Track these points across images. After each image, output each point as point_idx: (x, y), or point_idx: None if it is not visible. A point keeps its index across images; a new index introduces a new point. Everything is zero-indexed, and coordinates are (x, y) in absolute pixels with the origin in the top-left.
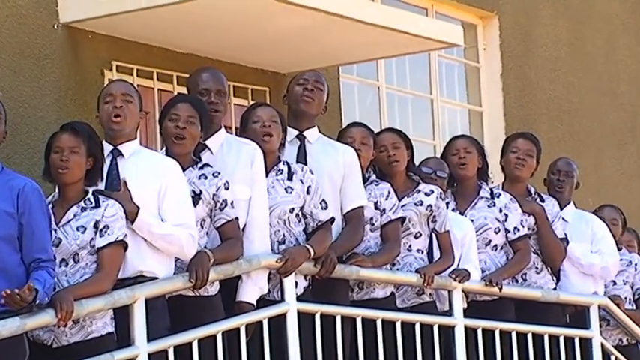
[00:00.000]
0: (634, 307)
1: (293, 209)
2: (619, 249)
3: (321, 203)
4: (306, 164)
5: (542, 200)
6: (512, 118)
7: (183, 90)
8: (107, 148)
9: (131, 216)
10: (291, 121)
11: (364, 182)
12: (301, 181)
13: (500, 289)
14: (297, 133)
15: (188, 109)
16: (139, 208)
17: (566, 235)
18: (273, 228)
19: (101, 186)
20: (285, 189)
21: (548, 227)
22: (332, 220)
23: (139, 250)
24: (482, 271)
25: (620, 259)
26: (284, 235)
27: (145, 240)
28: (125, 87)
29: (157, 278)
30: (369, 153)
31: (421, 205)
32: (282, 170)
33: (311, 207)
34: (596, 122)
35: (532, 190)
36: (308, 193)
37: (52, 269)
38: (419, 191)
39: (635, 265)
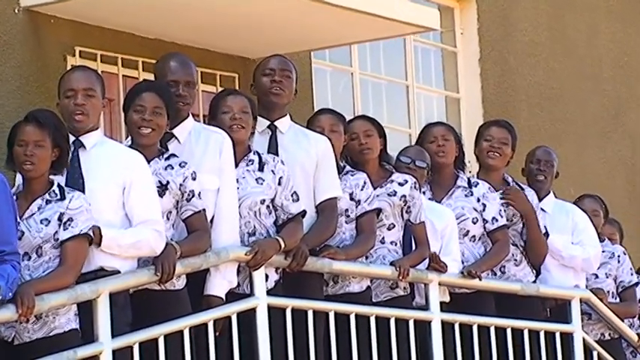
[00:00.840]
0: (617, 300)
1: (264, 200)
2: (601, 240)
3: (292, 195)
4: (277, 154)
5: (521, 189)
6: (491, 105)
7: (150, 76)
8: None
9: (96, 239)
10: (261, 110)
11: (339, 172)
12: (272, 171)
13: (480, 278)
14: (268, 123)
15: (154, 100)
16: (98, 228)
17: (546, 228)
18: (243, 219)
19: (63, 178)
20: (256, 179)
21: (537, 227)
22: (303, 213)
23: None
24: (461, 263)
25: (603, 251)
26: (254, 227)
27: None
28: (87, 80)
29: (118, 272)
30: (339, 140)
31: (394, 195)
32: (253, 160)
33: (282, 199)
34: (577, 109)
35: (509, 180)
36: (279, 184)
37: (17, 263)
38: (392, 181)
39: (618, 257)
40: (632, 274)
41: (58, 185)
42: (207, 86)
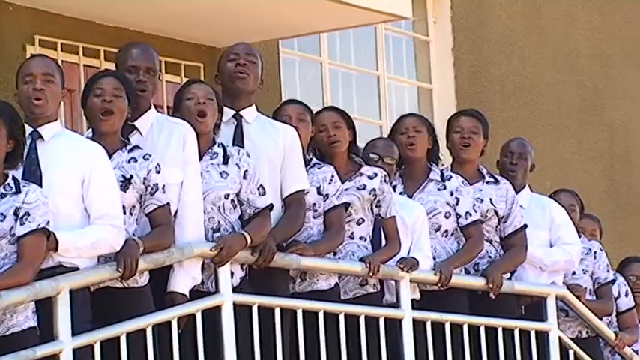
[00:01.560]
0: (594, 297)
1: (228, 195)
2: (578, 236)
3: (258, 189)
4: (243, 146)
5: (497, 182)
6: (464, 96)
7: (111, 66)
8: (26, 129)
9: (52, 245)
10: (226, 100)
11: (305, 165)
12: (237, 165)
13: (448, 281)
14: (233, 112)
15: (113, 82)
16: (53, 233)
17: (526, 224)
18: (207, 215)
19: (20, 171)
20: (220, 173)
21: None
22: (270, 207)
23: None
24: (433, 259)
25: None
26: (219, 223)
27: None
28: (46, 65)
29: (77, 269)
30: (306, 131)
31: (364, 189)
32: (217, 153)
33: (247, 193)
34: (553, 100)
35: (484, 172)
36: (244, 178)
37: None
38: (361, 174)
39: (595, 253)
40: (607, 271)
41: (13, 178)
42: (172, 76)
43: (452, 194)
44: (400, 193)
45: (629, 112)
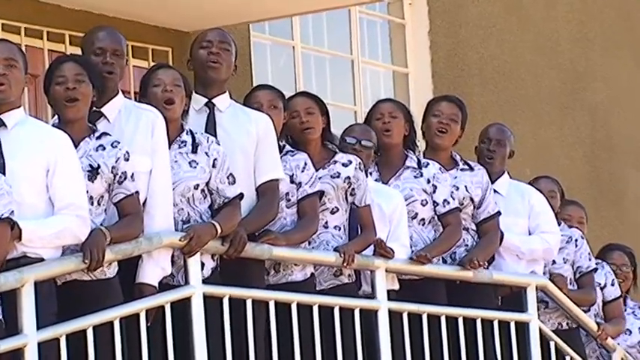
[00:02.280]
0: (575, 287)
1: (198, 185)
2: (558, 223)
3: (228, 178)
4: (215, 134)
5: (472, 169)
6: (441, 81)
7: (77, 51)
8: None
9: (15, 235)
10: (198, 87)
11: (279, 153)
12: (206, 153)
13: (429, 261)
14: (205, 100)
15: (74, 68)
16: (15, 222)
17: (499, 211)
18: (176, 207)
19: None
20: (189, 163)
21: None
22: (240, 196)
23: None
24: (410, 248)
25: (561, 235)
26: (188, 214)
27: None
28: (8, 50)
29: (42, 260)
30: (279, 117)
31: (338, 177)
32: (186, 142)
33: (217, 182)
34: (533, 84)
35: (458, 159)
36: (214, 166)
37: None
38: (335, 162)
39: (576, 241)
40: (590, 259)
41: None
42: (139, 61)
43: (429, 181)
44: (375, 180)
45: (610, 96)
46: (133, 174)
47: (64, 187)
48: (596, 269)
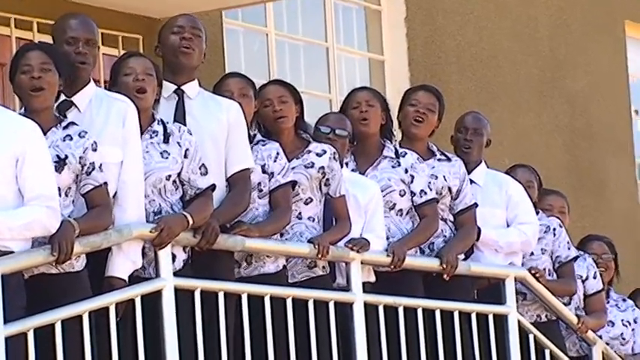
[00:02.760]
0: (554, 277)
1: (170, 176)
2: (536, 213)
3: (200, 168)
4: (185, 122)
5: (449, 160)
6: (418, 68)
7: (46, 38)
8: None
9: None
10: (167, 74)
11: (250, 142)
12: (178, 143)
13: (401, 263)
14: (174, 87)
15: (39, 56)
16: None
17: (476, 203)
18: (147, 198)
19: None
20: (161, 153)
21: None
22: (212, 187)
23: None
24: (387, 239)
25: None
26: (159, 205)
27: None
28: None
29: (11, 252)
30: (250, 106)
31: (312, 167)
32: (158, 132)
33: (189, 173)
34: (512, 72)
35: (434, 149)
36: (186, 157)
37: None
38: (309, 151)
39: (554, 230)
40: (569, 249)
41: None
42: (109, 49)
43: (406, 171)
44: (352, 171)
45: (590, 84)
46: (101, 164)
47: (33, 177)
48: (576, 258)
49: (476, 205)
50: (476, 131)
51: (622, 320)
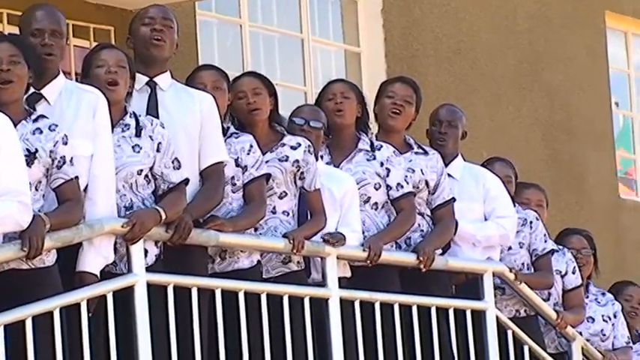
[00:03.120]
0: (532, 271)
1: (141, 170)
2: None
3: (173, 162)
4: (157, 115)
5: (426, 153)
6: (395, 60)
7: (15, 30)
8: None
9: None
10: (138, 66)
11: (223, 135)
12: (150, 137)
13: (378, 258)
14: (146, 79)
15: (8, 49)
16: None
17: (454, 197)
18: (118, 193)
19: None
20: (133, 147)
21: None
22: (185, 182)
23: None
24: (363, 234)
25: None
26: (131, 200)
27: None
28: None
29: None
30: (223, 99)
31: (286, 160)
32: (129, 125)
33: (162, 167)
34: (490, 64)
35: (412, 142)
36: (158, 150)
37: None
38: (284, 144)
39: (531, 223)
40: (545, 241)
41: None
42: (80, 41)
43: (382, 164)
44: (327, 164)
45: (570, 77)
46: (72, 158)
47: (5, 172)
48: (553, 251)
49: (454, 199)
50: (450, 124)
51: (602, 316)
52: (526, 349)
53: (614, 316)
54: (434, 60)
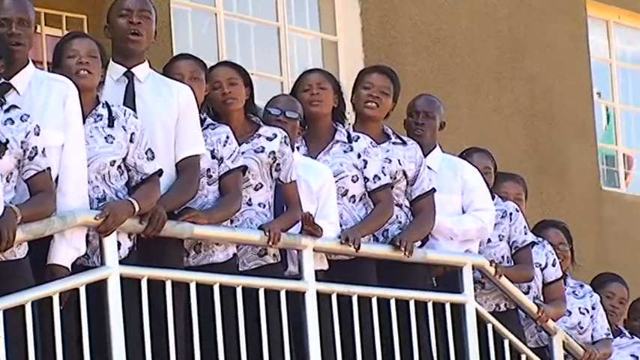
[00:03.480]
0: (512, 264)
1: (114, 161)
2: (492, 198)
3: (146, 153)
4: (134, 105)
5: (405, 144)
6: (373, 49)
7: None
8: None
9: None
10: (116, 56)
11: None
12: (123, 127)
13: (358, 248)
14: (124, 70)
15: None
16: None
17: (434, 188)
18: (91, 184)
19: None
20: (105, 138)
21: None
22: (159, 173)
23: None
24: (340, 226)
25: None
26: (104, 192)
27: None
28: None
29: None
30: (200, 89)
31: (262, 151)
32: (102, 115)
33: (135, 158)
34: (469, 53)
35: (389, 132)
36: (131, 141)
37: None
38: (259, 135)
39: (510, 215)
40: (525, 234)
41: None
42: (53, 30)
43: (359, 156)
44: (304, 155)
45: (551, 65)
46: (44, 149)
47: None
48: (533, 244)
49: (434, 190)
50: (427, 114)
51: (579, 308)
52: (506, 342)
53: (593, 308)
54: (412, 48)
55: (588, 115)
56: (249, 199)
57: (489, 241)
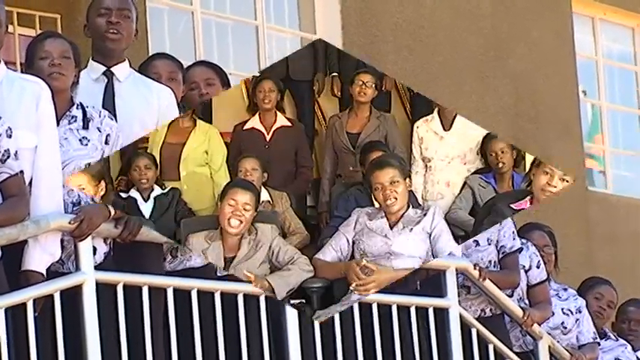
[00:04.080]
0: (498, 269)
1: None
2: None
3: None
4: (114, 105)
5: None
6: (353, 48)
7: None
8: None
9: None
10: (96, 55)
11: None
12: (98, 129)
13: None
14: (103, 69)
15: None
16: None
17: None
18: (65, 188)
19: None
20: (80, 140)
21: None
22: None
23: None
24: None
25: None
26: (79, 196)
27: None
28: None
29: None
30: (178, 90)
31: None
32: (76, 117)
33: None
34: (452, 51)
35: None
36: (106, 143)
37: None
38: None
39: None
40: (514, 239)
41: None
42: (25, 29)
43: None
44: None
45: (535, 64)
46: (17, 152)
47: None
48: (520, 249)
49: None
50: None
51: (562, 309)
52: (491, 348)
53: (579, 311)
54: (393, 47)
55: (573, 113)
56: None
57: (478, 244)
